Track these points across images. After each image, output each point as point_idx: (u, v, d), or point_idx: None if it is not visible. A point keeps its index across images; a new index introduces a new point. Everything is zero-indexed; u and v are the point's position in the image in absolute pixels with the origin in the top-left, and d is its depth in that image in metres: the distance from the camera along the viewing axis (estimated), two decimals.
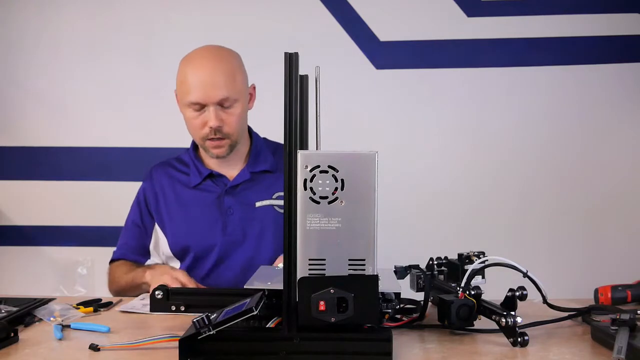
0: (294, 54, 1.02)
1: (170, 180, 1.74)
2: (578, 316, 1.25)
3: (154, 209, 1.73)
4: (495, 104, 2.50)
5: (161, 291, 1.20)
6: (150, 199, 1.74)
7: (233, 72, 1.61)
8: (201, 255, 1.67)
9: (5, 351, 1.09)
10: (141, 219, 1.74)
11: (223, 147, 1.63)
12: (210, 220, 1.67)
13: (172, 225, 1.70)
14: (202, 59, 1.61)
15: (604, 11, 2.45)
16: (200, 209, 1.68)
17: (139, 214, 1.75)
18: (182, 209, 1.70)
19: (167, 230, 1.71)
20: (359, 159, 1.01)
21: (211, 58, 1.62)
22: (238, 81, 1.62)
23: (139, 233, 1.74)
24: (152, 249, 1.74)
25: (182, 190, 1.72)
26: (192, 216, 1.68)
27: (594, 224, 2.47)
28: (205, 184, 1.70)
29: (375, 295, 1.00)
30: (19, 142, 2.60)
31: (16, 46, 2.58)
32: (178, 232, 1.69)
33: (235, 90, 1.60)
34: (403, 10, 2.50)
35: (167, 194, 1.73)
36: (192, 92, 1.57)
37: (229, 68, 1.61)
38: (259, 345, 1.01)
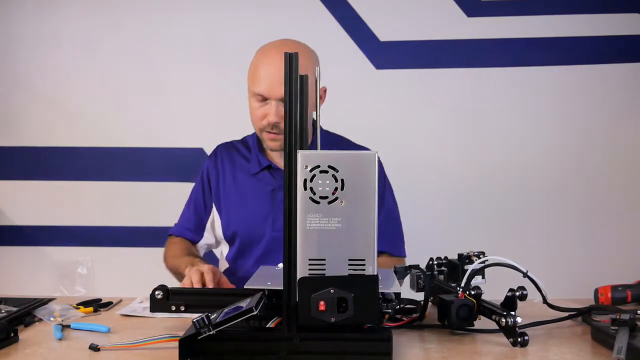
0: (294, 54, 1.02)
1: (232, 163, 1.76)
2: (578, 316, 1.25)
3: (214, 189, 1.75)
4: (495, 104, 2.50)
5: (161, 291, 1.20)
6: (212, 179, 1.76)
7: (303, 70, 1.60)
8: (249, 245, 1.69)
9: (5, 351, 1.09)
10: (203, 196, 1.77)
11: (278, 142, 1.62)
12: (262, 212, 1.68)
13: (227, 209, 1.73)
14: (274, 52, 1.60)
15: (604, 11, 2.45)
16: (254, 199, 1.70)
17: (201, 191, 1.77)
18: (238, 195, 1.72)
19: (222, 212, 1.73)
20: (359, 159, 1.01)
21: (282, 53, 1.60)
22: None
23: (200, 209, 1.77)
24: (208, 227, 1.76)
25: (241, 176, 1.73)
26: (246, 204, 1.70)
27: (594, 224, 2.47)
28: (262, 174, 1.71)
29: (375, 295, 1.00)
30: (19, 142, 2.60)
31: (16, 46, 2.58)
32: (231, 217, 1.72)
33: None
34: (403, 10, 2.50)
35: (227, 177, 1.75)
36: (259, 83, 1.58)
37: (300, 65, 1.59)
38: (259, 345, 1.01)
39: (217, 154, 1.79)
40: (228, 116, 2.52)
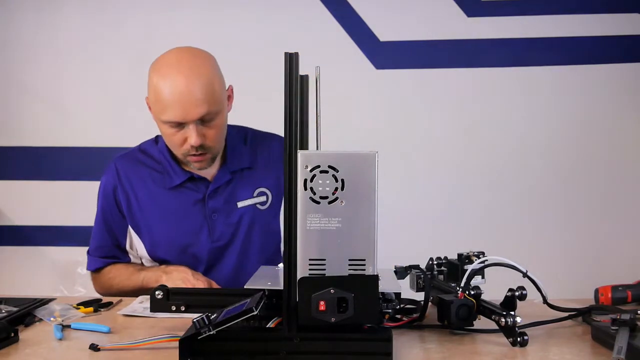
0: (294, 54, 1.02)
1: (140, 178, 1.60)
2: (578, 316, 1.25)
3: (125, 209, 1.59)
4: (495, 104, 2.50)
5: (161, 291, 1.20)
6: (121, 199, 1.60)
7: (211, 82, 1.48)
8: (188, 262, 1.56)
9: (5, 351, 1.09)
10: (115, 220, 1.61)
11: (205, 162, 1.54)
12: (193, 225, 1.57)
13: (148, 229, 1.59)
14: (175, 73, 1.46)
15: (604, 11, 2.46)
16: (180, 212, 1.57)
17: (109, 212, 1.61)
18: (159, 212, 1.58)
19: (143, 233, 1.59)
20: (359, 159, 1.01)
21: (186, 70, 1.46)
22: (217, 91, 1.49)
23: (115, 234, 1.62)
24: (127, 248, 1.63)
25: (156, 191, 1.59)
26: (171, 220, 1.57)
27: (594, 223, 2.47)
28: (185, 186, 1.59)
29: (375, 295, 1.00)
30: (19, 142, 2.60)
31: (16, 46, 2.58)
32: (155, 236, 1.59)
33: (215, 103, 1.47)
34: (403, 10, 2.50)
35: (138, 193, 1.59)
36: (169, 110, 1.45)
37: (207, 78, 1.47)
38: (259, 345, 1.01)
39: (118, 170, 1.62)
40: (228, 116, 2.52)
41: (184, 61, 1.49)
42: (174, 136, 1.49)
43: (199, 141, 1.47)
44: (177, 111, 1.44)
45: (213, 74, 1.51)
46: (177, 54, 1.53)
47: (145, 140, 1.70)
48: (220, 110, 1.50)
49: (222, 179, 1.60)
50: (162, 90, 1.46)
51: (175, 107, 1.44)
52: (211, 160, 1.56)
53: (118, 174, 1.62)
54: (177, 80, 1.45)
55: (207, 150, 1.52)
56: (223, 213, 1.59)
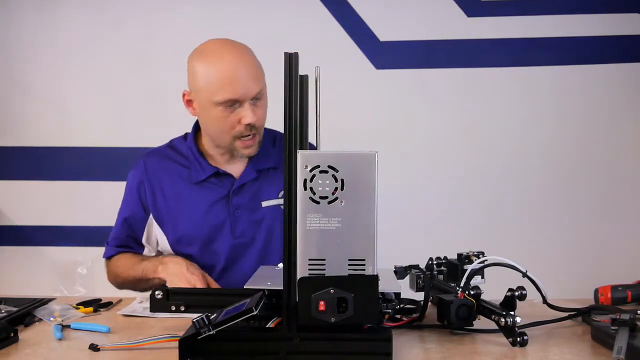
0: (294, 54, 1.02)
1: (169, 174, 1.63)
2: (578, 316, 1.25)
3: (150, 204, 1.63)
4: (495, 104, 2.50)
5: (161, 291, 1.20)
6: (147, 193, 1.63)
7: (257, 63, 1.54)
8: (209, 257, 1.59)
9: (5, 351, 1.09)
10: (134, 215, 1.65)
11: (254, 146, 1.56)
12: (216, 221, 1.59)
13: (173, 223, 1.61)
14: (225, 54, 1.50)
15: (604, 11, 2.45)
16: (204, 208, 1.60)
17: (131, 208, 1.65)
18: (184, 207, 1.61)
19: (167, 229, 1.62)
20: (359, 159, 1.01)
21: (233, 51, 1.52)
22: (262, 71, 1.54)
23: (132, 227, 1.65)
24: (144, 242, 1.65)
25: (182, 186, 1.62)
26: (195, 216, 1.59)
27: (595, 223, 2.47)
28: (210, 181, 1.60)
29: (375, 295, 1.00)
30: (19, 142, 2.60)
31: (16, 46, 2.58)
32: (179, 230, 1.60)
33: (263, 82, 1.54)
34: (403, 10, 2.50)
35: (165, 188, 1.62)
36: (225, 90, 1.47)
37: (253, 59, 1.54)
38: (259, 345, 1.01)
39: (147, 167, 1.65)
40: None
41: (227, 45, 1.54)
42: (227, 118, 1.51)
43: (254, 119, 1.49)
44: (234, 88, 1.47)
45: (255, 57, 1.56)
46: (217, 41, 1.57)
47: (175, 137, 1.74)
48: (265, 91, 1.55)
49: (248, 176, 1.62)
50: (214, 72, 1.49)
51: (232, 84, 1.47)
52: (258, 146, 1.58)
53: (145, 169, 1.65)
54: (229, 60, 1.49)
55: (256, 131, 1.54)
56: (246, 210, 1.60)
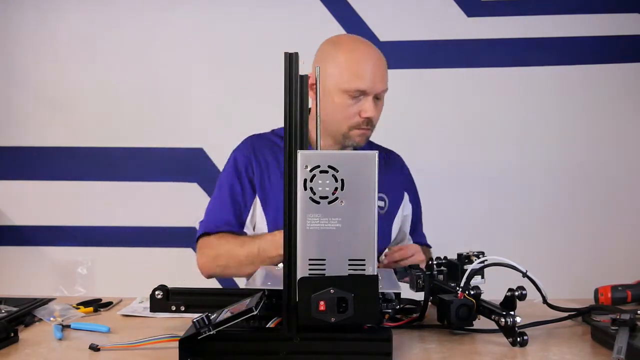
0: (294, 54, 1.02)
1: (275, 158, 1.63)
2: (578, 316, 1.25)
3: (257, 184, 1.61)
4: (495, 104, 2.50)
5: (161, 291, 1.20)
6: (255, 172, 1.62)
7: (385, 65, 1.60)
8: None
9: (5, 351, 1.09)
10: (242, 193, 1.61)
11: (366, 137, 1.60)
12: None
13: (276, 209, 1.58)
14: (369, 49, 1.57)
15: (604, 11, 2.46)
16: None
17: (239, 187, 1.62)
18: None
19: (269, 212, 1.60)
20: (359, 159, 1.01)
21: (368, 47, 1.59)
22: (387, 75, 1.60)
23: (239, 205, 1.61)
24: (248, 224, 1.62)
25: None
26: None
27: (594, 224, 2.47)
28: None
29: (375, 295, 1.00)
30: (19, 142, 2.60)
31: (16, 46, 2.58)
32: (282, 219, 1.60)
33: (387, 84, 1.59)
34: (403, 10, 2.50)
35: (272, 171, 1.62)
36: (359, 80, 1.52)
37: (384, 60, 1.59)
38: (259, 345, 1.01)
39: (254, 147, 1.65)
40: (228, 116, 2.53)
41: (363, 40, 1.61)
42: (349, 108, 1.55)
43: (374, 113, 1.55)
44: (367, 81, 1.53)
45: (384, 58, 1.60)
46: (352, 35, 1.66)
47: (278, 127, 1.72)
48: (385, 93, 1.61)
49: None
50: (348, 61, 1.54)
51: (364, 76, 1.53)
52: (368, 139, 1.63)
53: (253, 149, 1.65)
54: (365, 53, 1.56)
55: (371, 127, 1.59)
56: None
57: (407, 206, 1.74)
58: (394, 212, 1.69)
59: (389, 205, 1.68)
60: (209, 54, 2.55)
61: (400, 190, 1.73)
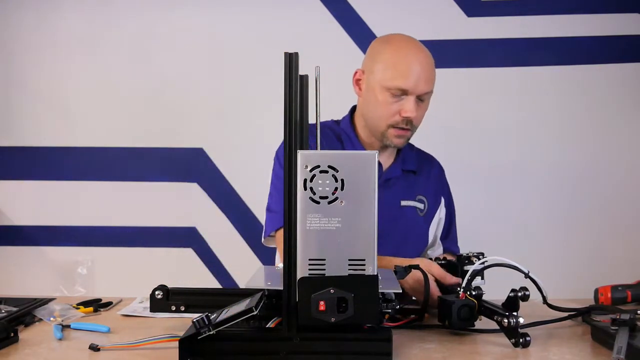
0: (294, 54, 1.02)
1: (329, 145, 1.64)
2: (578, 316, 1.25)
3: None
4: (495, 104, 2.50)
5: (161, 291, 1.20)
6: None
7: (433, 68, 1.60)
8: None
9: (5, 351, 1.09)
10: None
11: (404, 138, 1.59)
12: None
13: None
14: (417, 49, 1.57)
15: (604, 11, 2.45)
16: None
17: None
18: None
19: None
20: (359, 159, 1.01)
21: (423, 51, 1.59)
22: (434, 78, 1.61)
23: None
24: None
25: None
26: None
27: (595, 224, 2.46)
28: None
29: (375, 295, 1.00)
30: (19, 142, 2.60)
31: (15, 46, 2.58)
32: None
33: (432, 87, 1.59)
34: (403, 10, 2.50)
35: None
36: (402, 78, 1.52)
37: (432, 63, 1.60)
38: (259, 345, 1.01)
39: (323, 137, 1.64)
40: (228, 116, 2.53)
41: (414, 41, 1.59)
42: (391, 105, 1.54)
43: (414, 114, 1.54)
44: (410, 80, 1.52)
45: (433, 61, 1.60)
46: (405, 35, 1.61)
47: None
48: (430, 97, 1.60)
49: (394, 172, 1.65)
50: (395, 58, 1.54)
51: (407, 75, 1.52)
52: (407, 141, 1.61)
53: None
54: (413, 53, 1.55)
55: (411, 127, 1.58)
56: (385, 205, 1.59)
57: (442, 210, 1.74)
58: (432, 215, 1.70)
59: (428, 208, 1.68)
60: (209, 54, 2.55)
61: (438, 195, 1.73)
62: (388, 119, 1.56)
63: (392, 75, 1.53)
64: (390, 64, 1.54)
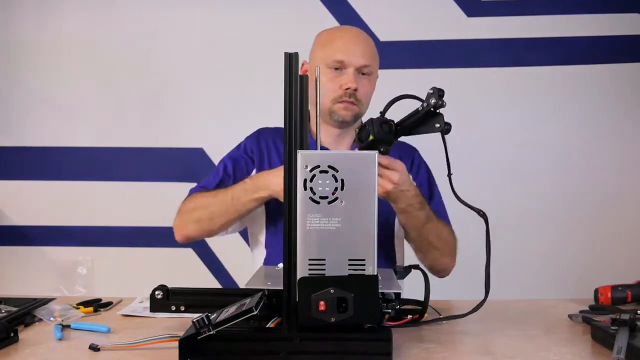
0: (294, 54, 1.02)
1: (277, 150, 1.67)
2: (578, 316, 1.25)
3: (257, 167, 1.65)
4: (495, 104, 2.50)
5: (161, 291, 1.20)
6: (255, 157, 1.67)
7: (373, 46, 1.65)
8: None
9: (5, 351, 1.09)
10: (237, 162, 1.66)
11: (350, 111, 1.60)
12: None
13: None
14: (349, 28, 1.67)
15: (604, 11, 2.45)
16: None
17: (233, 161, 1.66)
18: None
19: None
20: (359, 159, 1.01)
21: (357, 31, 1.66)
22: (375, 54, 1.65)
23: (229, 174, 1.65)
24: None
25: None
26: None
27: (594, 224, 2.47)
28: None
29: (375, 295, 1.00)
30: (19, 142, 2.60)
31: (16, 46, 2.58)
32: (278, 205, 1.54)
33: (373, 61, 1.63)
34: (403, 10, 2.50)
35: (273, 159, 1.66)
36: (337, 52, 1.58)
37: (368, 40, 1.65)
38: (259, 345, 1.01)
39: (260, 137, 1.71)
40: (228, 116, 2.53)
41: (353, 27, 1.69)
42: (332, 80, 1.59)
43: (354, 85, 1.58)
44: (346, 52, 1.58)
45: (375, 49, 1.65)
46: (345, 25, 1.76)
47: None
48: (373, 72, 1.65)
49: None
50: (335, 37, 1.63)
51: (344, 49, 1.59)
52: (355, 117, 1.63)
53: (258, 140, 1.71)
54: (351, 31, 1.65)
55: (356, 102, 1.60)
56: None
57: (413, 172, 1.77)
58: None
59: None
60: (209, 54, 2.55)
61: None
62: (332, 94, 1.59)
63: (329, 52, 1.59)
64: (327, 42, 1.62)
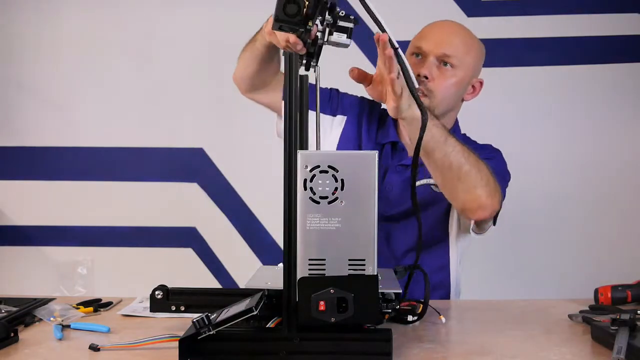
0: (294, 54, 1.02)
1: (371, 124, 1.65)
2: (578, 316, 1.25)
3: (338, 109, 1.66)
4: (494, 104, 2.50)
5: (161, 291, 1.20)
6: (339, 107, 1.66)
7: (468, 45, 1.57)
8: None
9: (5, 351, 1.09)
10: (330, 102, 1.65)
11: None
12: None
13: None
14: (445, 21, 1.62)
15: (604, 11, 2.45)
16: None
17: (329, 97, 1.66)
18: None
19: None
20: (359, 159, 1.01)
21: (451, 23, 1.62)
22: (468, 56, 1.56)
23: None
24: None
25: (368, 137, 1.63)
26: None
27: (595, 224, 2.47)
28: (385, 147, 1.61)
29: (375, 295, 1.00)
30: (19, 142, 2.60)
31: (16, 46, 2.58)
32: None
33: (459, 57, 1.54)
34: (403, 10, 2.50)
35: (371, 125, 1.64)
36: (421, 39, 1.56)
37: (467, 40, 1.57)
38: (259, 345, 1.01)
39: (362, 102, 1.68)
40: (228, 116, 2.53)
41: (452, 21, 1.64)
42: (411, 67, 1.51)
43: (427, 72, 1.51)
44: (427, 41, 1.54)
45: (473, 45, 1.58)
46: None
47: None
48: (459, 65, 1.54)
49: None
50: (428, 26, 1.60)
51: (426, 36, 1.56)
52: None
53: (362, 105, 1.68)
54: (444, 22, 1.61)
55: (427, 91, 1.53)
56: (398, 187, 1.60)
57: None
58: None
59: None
60: (209, 54, 2.54)
61: None
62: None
63: (414, 39, 1.58)
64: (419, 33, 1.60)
